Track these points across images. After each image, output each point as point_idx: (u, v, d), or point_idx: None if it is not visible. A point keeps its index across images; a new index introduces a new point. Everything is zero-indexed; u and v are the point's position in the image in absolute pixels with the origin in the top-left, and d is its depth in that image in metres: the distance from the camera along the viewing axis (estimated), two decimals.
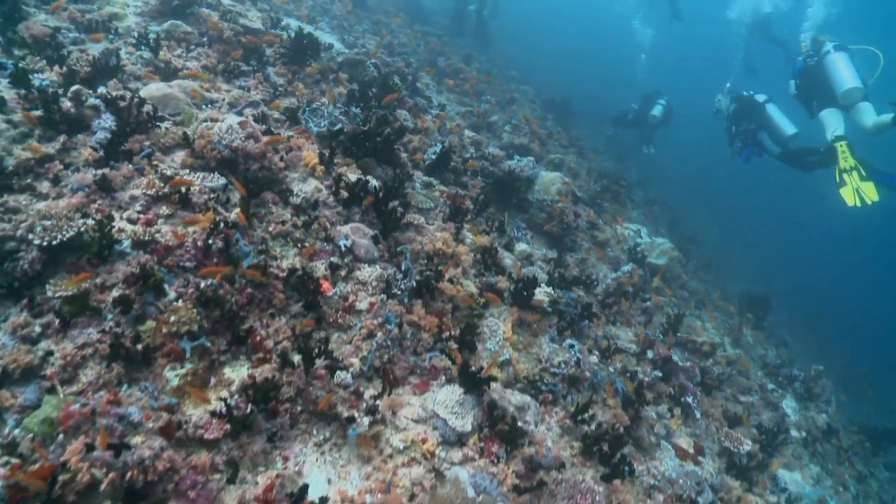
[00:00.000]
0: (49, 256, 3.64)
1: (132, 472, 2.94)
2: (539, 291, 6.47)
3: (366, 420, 4.13)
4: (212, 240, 4.16)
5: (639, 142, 16.63)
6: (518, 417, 4.89)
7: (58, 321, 3.48)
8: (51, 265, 3.68)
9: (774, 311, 14.83)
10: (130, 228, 3.99)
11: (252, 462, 3.65)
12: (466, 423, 4.53)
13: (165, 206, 4.26)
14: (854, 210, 8.29)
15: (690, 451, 6.86)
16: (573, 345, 6.42)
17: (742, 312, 13.95)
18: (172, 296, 3.89)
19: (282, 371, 4.02)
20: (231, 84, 6.84)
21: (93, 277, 3.71)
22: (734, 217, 25.43)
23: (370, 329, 4.63)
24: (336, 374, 4.24)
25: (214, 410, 3.56)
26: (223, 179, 4.67)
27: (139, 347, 3.59)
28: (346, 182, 5.50)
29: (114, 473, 2.88)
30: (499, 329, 5.92)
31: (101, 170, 4.24)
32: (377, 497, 3.84)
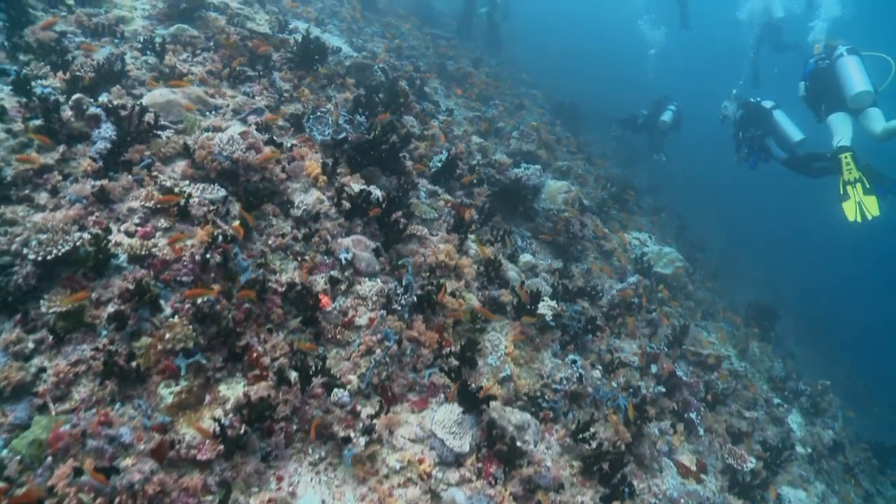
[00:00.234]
0: (44, 271, 3.60)
1: (121, 498, 2.89)
2: (542, 305, 6.39)
3: (362, 440, 4.07)
4: (210, 254, 4.11)
5: (649, 148, 16.48)
6: (517, 437, 4.82)
7: (51, 337, 3.44)
8: (46, 279, 3.64)
9: (781, 321, 14.68)
10: (127, 242, 3.95)
11: (245, 483, 3.60)
12: (464, 444, 4.47)
13: (164, 219, 4.22)
14: (854, 224, 8.22)
15: (693, 469, 6.78)
16: (576, 360, 6.34)
17: (749, 323, 13.82)
18: (168, 312, 3.85)
19: (278, 389, 3.97)
20: (236, 90, 6.80)
21: (88, 292, 3.67)
22: (741, 222, 25.29)
23: (369, 346, 4.57)
24: (333, 393, 4.19)
25: (207, 430, 3.51)
26: (223, 191, 4.62)
27: (134, 364, 3.55)
28: (349, 193, 5.44)
29: (102, 499, 2.84)
30: (500, 344, 5.85)
31: (100, 181, 4.20)
32: None
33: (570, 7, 45.09)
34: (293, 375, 4.08)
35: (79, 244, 3.65)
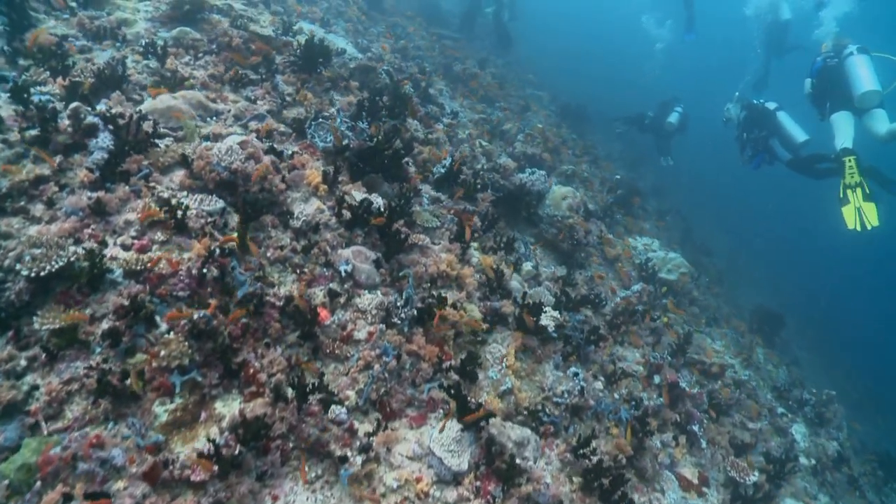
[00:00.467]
0: (38, 286, 3.55)
1: None
2: (545, 316, 6.32)
3: (359, 459, 4.01)
4: (207, 268, 4.05)
5: (656, 151, 16.35)
6: (517, 454, 4.76)
7: (44, 355, 3.39)
8: (40, 294, 3.59)
9: (786, 326, 14.56)
10: (123, 256, 3.89)
11: (240, 503, 3.55)
12: (463, 462, 4.40)
13: (160, 232, 4.16)
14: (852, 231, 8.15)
15: (695, 482, 6.71)
16: (577, 373, 6.26)
17: (753, 329, 13.71)
18: (164, 327, 3.79)
19: (274, 406, 3.91)
20: (238, 94, 6.73)
21: (82, 308, 3.62)
22: (743, 223, 25.20)
23: (368, 361, 4.51)
24: (330, 409, 4.13)
25: (202, 452, 3.46)
26: (221, 202, 4.56)
27: (128, 382, 3.50)
28: (350, 203, 5.37)
29: None
30: (502, 356, 5.79)
31: (97, 193, 4.15)
32: None
33: (572, 6, 44.72)
34: (290, 392, 4.02)
35: (73, 259, 3.60)
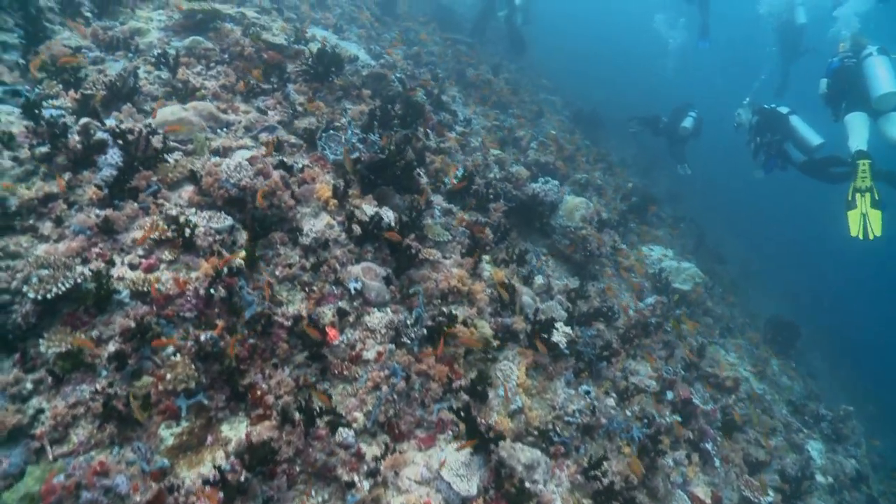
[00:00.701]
0: (44, 308, 3.52)
1: None
2: (556, 333, 6.22)
3: (366, 484, 3.95)
4: (214, 288, 4.01)
5: (672, 157, 16.15)
6: (527, 477, 4.68)
7: (50, 378, 3.36)
8: (47, 315, 3.56)
9: (801, 334, 14.33)
10: (130, 277, 3.86)
11: None
12: (472, 487, 4.32)
13: (168, 251, 4.12)
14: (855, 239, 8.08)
15: (708, 502, 6.58)
16: (589, 391, 6.17)
17: (768, 339, 13.51)
18: (170, 349, 3.75)
19: (281, 429, 3.86)
20: (249, 104, 6.69)
21: (89, 329, 3.59)
22: (755, 227, 24.91)
23: (376, 382, 4.45)
24: (338, 432, 4.07)
25: (208, 479, 3.41)
26: (230, 220, 4.51)
27: (133, 405, 3.46)
28: (360, 218, 5.31)
29: None
30: (512, 373, 5.70)
31: (104, 210, 4.12)
32: None
33: (583, 8, 44.38)
34: (297, 415, 3.96)
35: (80, 281, 3.56)
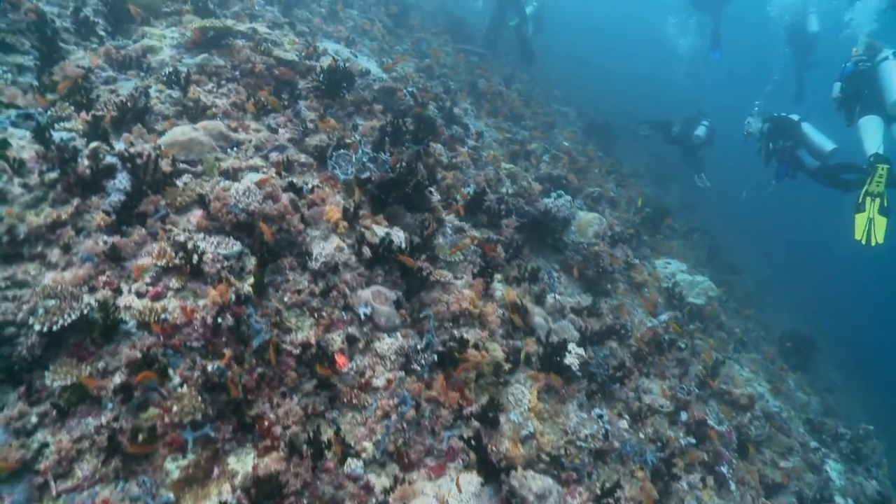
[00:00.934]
0: (50, 339, 3.48)
1: None
2: (569, 356, 6.12)
3: None
4: (222, 317, 3.95)
5: (689, 167, 15.99)
6: None
7: (55, 411, 3.32)
8: (53, 346, 3.52)
9: (818, 348, 14.10)
10: (137, 307, 3.82)
11: None
12: None
13: (175, 279, 4.08)
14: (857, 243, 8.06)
15: None
16: (602, 414, 6.06)
17: (783, 353, 13.29)
18: (177, 381, 3.70)
19: (289, 461, 3.79)
20: (260, 122, 6.66)
21: (95, 361, 3.55)
22: (766, 234, 24.69)
23: (386, 410, 4.37)
24: (347, 463, 4.00)
25: None
26: (238, 245, 4.47)
27: (140, 438, 3.42)
28: (370, 241, 5.25)
29: None
30: (524, 398, 5.61)
31: (112, 237, 4.09)
32: None
33: (595, 15, 44.17)
34: (305, 447, 3.89)
35: (86, 311, 3.52)
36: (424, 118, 8.55)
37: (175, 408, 3.54)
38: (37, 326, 3.34)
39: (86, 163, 4.33)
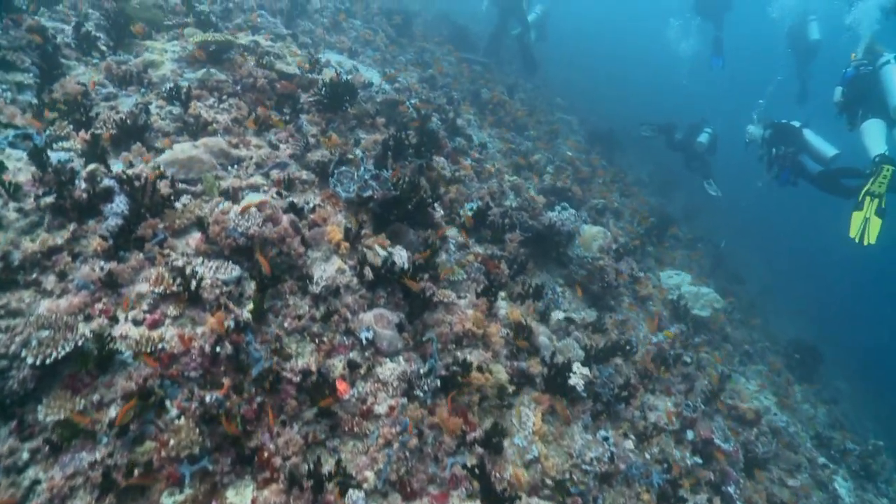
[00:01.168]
0: (44, 371, 3.40)
1: None
2: (574, 376, 6.02)
3: None
4: (220, 346, 3.87)
5: (696, 174, 15.86)
6: None
7: (48, 447, 3.23)
8: (47, 378, 3.44)
9: (824, 356, 13.96)
10: (133, 335, 3.73)
11: None
12: None
13: (173, 306, 3.99)
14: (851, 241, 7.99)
15: None
16: (607, 437, 5.95)
17: (789, 365, 13.15)
18: (174, 412, 3.61)
19: (289, 493, 3.69)
20: (261, 137, 6.59)
21: (90, 393, 3.46)
22: (767, 240, 24.57)
23: (388, 439, 4.28)
24: (347, 495, 3.90)
25: None
26: (237, 270, 4.38)
27: (136, 473, 3.32)
28: (372, 263, 5.16)
29: None
30: (528, 420, 5.51)
31: (109, 263, 4.01)
32: None
33: (595, 21, 44.01)
34: (305, 479, 3.80)
35: (81, 343, 3.44)
36: (427, 131, 8.48)
37: (172, 441, 3.45)
38: (29, 359, 3.25)
39: (83, 186, 4.25)
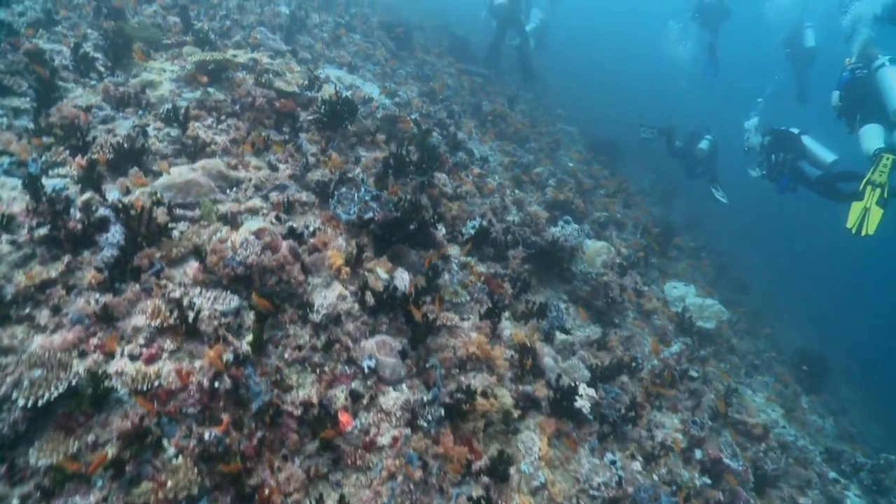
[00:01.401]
0: (36, 413, 3.30)
1: None
2: (580, 399, 5.90)
3: None
4: (219, 381, 3.77)
5: (704, 181, 15.77)
6: None
7: (39, 493, 3.13)
8: (39, 418, 3.34)
9: (831, 364, 13.83)
10: (129, 371, 3.63)
11: None
12: None
13: (170, 340, 3.90)
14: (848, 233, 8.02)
15: None
16: (615, 460, 5.83)
17: (796, 374, 13.02)
18: (172, 451, 3.50)
19: None
20: (260, 158, 6.51)
21: (84, 434, 3.36)
22: (768, 242, 24.47)
23: (391, 471, 4.17)
24: None
25: None
26: (236, 300, 4.29)
27: None
28: (373, 288, 5.07)
29: None
30: (534, 445, 5.39)
31: (104, 296, 3.92)
32: None
33: (594, 29, 44.02)
34: None
35: (75, 382, 3.34)
36: (428, 147, 8.40)
37: (170, 482, 3.34)
38: (21, 401, 3.16)
39: (77, 216, 4.17)
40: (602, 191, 13.39)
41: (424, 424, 4.58)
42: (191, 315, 3.97)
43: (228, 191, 5.75)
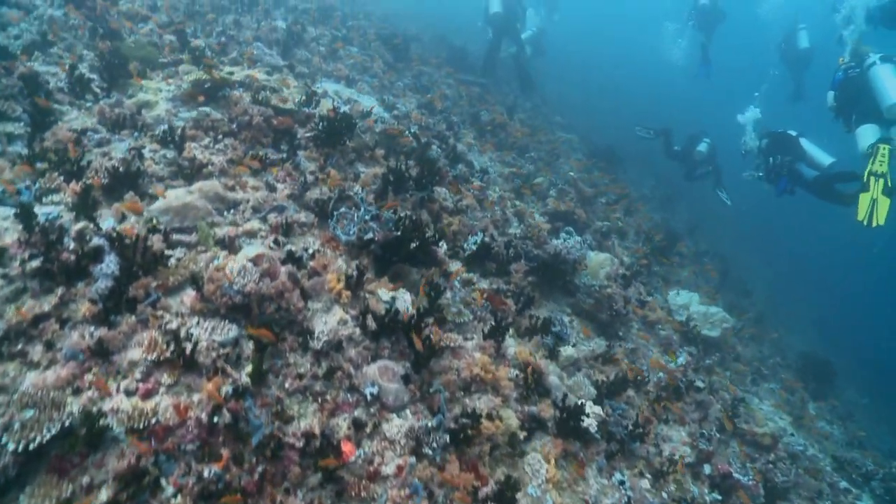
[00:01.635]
0: (28, 456, 3.20)
1: None
2: (586, 419, 5.80)
3: None
4: (217, 415, 3.67)
5: (709, 184, 15.69)
6: None
7: None
8: (32, 461, 3.24)
9: (837, 368, 13.70)
10: (126, 408, 3.53)
11: None
12: None
13: (167, 374, 3.80)
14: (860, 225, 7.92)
15: None
16: (623, 481, 5.73)
17: (802, 379, 12.89)
18: (170, 491, 3.40)
19: None
20: (258, 178, 6.43)
21: (78, 476, 3.26)
22: (769, 244, 24.34)
23: (396, 502, 4.06)
24: None
25: None
26: (234, 329, 4.19)
27: None
28: (375, 311, 4.97)
29: None
30: (541, 468, 5.28)
31: (99, 329, 3.83)
32: None
33: (591, 35, 43.97)
34: None
35: (69, 422, 3.25)
36: (427, 160, 8.33)
37: None
38: (11, 446, 3.06)
39: (71, 247, 4.08)
40: (603, 199, 13.30)
41: (429, 452, 4.47)
42: (188, 347, 3.87)
43: (226, 213, 5.66)
